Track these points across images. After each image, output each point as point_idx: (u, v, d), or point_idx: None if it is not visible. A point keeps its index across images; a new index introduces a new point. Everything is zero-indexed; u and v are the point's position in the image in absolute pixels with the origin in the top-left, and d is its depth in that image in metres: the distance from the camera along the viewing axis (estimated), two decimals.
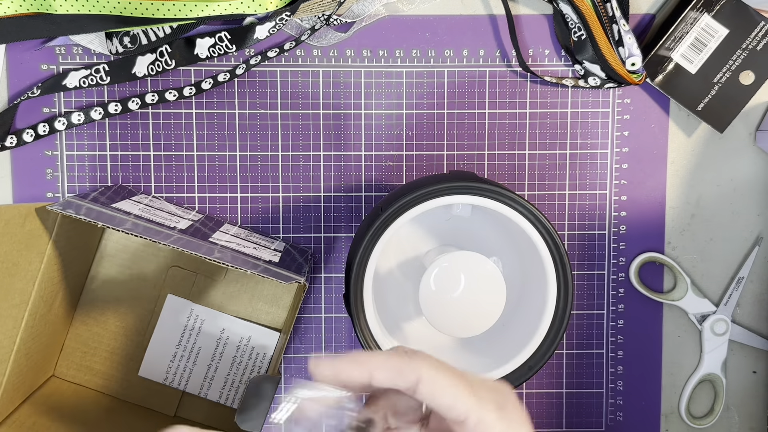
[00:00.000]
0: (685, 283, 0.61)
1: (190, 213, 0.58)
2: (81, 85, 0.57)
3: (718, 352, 0.62)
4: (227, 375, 0.59)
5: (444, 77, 0.60)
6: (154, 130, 0.59)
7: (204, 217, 0.58)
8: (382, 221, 0.47)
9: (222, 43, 0.57)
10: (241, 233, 0.57)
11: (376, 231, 0.47)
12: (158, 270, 0.60)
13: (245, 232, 0.58)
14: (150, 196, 0.58)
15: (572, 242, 0.61)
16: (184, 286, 0.60)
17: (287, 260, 0.54)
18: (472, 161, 0.60)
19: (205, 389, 0.60)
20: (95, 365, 0.60)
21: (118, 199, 0.54)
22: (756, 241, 0.62)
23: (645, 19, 0.60)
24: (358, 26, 0.59)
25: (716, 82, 0.58)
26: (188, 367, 0.59)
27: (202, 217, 0.58)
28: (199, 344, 0.59)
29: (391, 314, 0.54)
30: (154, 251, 0.60)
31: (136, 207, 0.54)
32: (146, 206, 0.55)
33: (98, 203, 0.51)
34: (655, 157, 0.61)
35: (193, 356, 0.60)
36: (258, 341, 0.60)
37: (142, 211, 0.53)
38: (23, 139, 0.58)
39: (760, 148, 0.61)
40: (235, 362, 0.60)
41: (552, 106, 0.60)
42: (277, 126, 0.60)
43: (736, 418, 0.64)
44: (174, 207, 0.58)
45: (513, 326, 0.52)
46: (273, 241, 0.58)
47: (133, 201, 0.55)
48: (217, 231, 0.55)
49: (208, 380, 0.59)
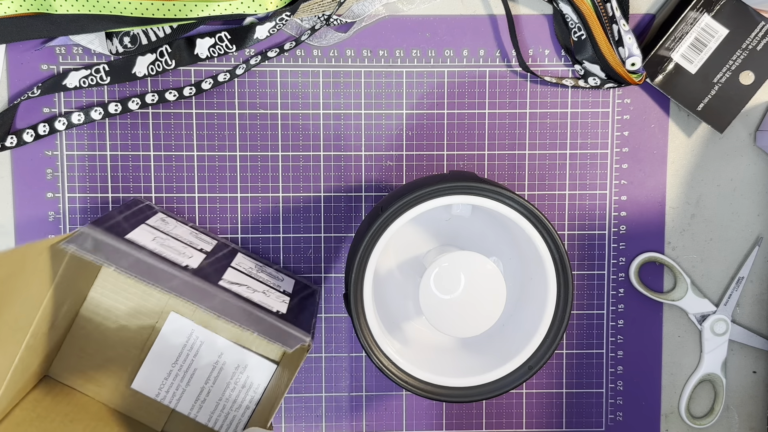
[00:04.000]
0: (685, 283, 0.61)
1: (205, 241, 0.57)
2: (81, 85, 0.57)
3: (718, 352, 0.62)
4: (219, 400, 0.59)
5: (444, 77, 0.60)
6: (154, 130, 0.59)
7: (217, 246, 0.57)
8: (382, 221, 0.47)
9: (222, 43, 0.57)
10: (253, 269, 0.56)
11: (376, 231, 0.47)
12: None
13: (257, 266, 0.57)
14: (166, 216, 0.58)
15: (572, 242, 0.61)
16: (187, 305, 0.60)
17: (296, 310, 0.53)
18: (472, 161, 0.60)
19: (195, 410, 0.59)
20: (89, 371, 0.60)
21: (132, 226, 0.53)
22: (756, 242, 0.62)
23: (645, 19, 0.60)
24: (358, 26, 0.59)
25: (716, 82, 0.59)
26: (181, 386, 0.59)
27: (215, 247, 0.57)
28: (195, 365, 0.59)
29: (391, 314, 0.54)
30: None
31: (150, 236, 0.53)
32: (162, 234, 0.54)
33: (112, 234, 0.49)
34: (655, 157, 0.61)
35: (188, 376, 0.59)
36: (253, 371, 0.59)
37: (156, 243, 0.52)
38: (23, 139, 0.58)
39: (760, 148, 0.61)
40: (228, 388, 0.59)
41: (552, 106, 0.60)
42: (277, 126, 0.60)
43: (736, 418, 0.64)
44: (189, 232, 0.57)
45: (513, 326, 0.53)
46: (283, 278, 0.58)
47: (149, 227, 0.54)
48: (229, 268, 0.54)
49: (199, 402, 0.59)
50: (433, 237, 0.55)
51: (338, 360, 0.62)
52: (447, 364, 0.52)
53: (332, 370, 0.62)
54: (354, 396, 0.62)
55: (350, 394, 0.62)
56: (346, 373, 0.62)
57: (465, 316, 0.48)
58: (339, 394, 0.62)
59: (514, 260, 0.54)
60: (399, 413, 0.62)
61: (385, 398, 0.62)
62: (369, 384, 0.62)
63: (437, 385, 0.49)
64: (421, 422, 0.62)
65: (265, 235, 0.60)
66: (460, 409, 0.62)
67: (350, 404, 0.62)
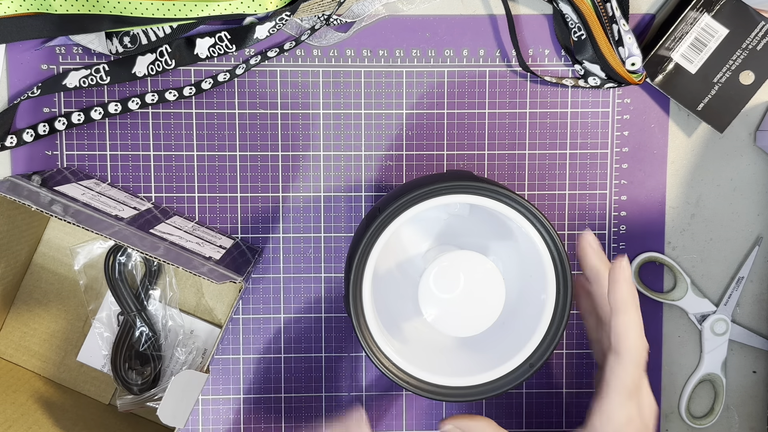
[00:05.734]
0: (685, 283, 0.61)
1: (143, 202, 0.57)
2: (81, 85, 0.57)
3: (718, 352, 0.62)
4: (166, 368, 0.59)
5: (444, 77, 0.60)
6: (154, 130, 0.59)
7: (152, 206, 0.57)
8: (381, 221, 0.47)
9: (222, 43, 0.57)
10: (186, 225, 0.56)
11: (374, 231, 0.47)
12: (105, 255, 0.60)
13: (192, 225, 0.58)
14: (105, 184, 0.58)
15: (572, 242, 0.61)
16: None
17: (227, 259, 0.54)
18: (472, 161, 0.60)
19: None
20: (33, 346, 0.60)
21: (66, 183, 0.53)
22: (756, 241, 0.62)
23: (645, 19, 0.60)
24: (358, 26, 0.59)
25: (716, 82, 0.59)
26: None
27: (150, 206, 0.57)
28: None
29: (391, 314, 0.54)
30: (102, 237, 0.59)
31: (83, 193, 0.53)
32: (97, 193, 0.54)
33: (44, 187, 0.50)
34: (655, 157, 0.61)
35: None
36: (200, 337, 0.60)
37: (89, 198, 0.52)
38: (23, 139, 0.58)
39: (760, 148, 0.61)
40: (175, 356, 0.59)
41: (552, 106, 0.60)
42: (277, 126, 0.60)
43: (736, 418, 0.63)
44: (125, 195, 0.57)
45: (513, 325, 0.52)
46: (219, 237, 0.58)
47: (82, 186, 0.54)
48: (162, 222, 0.55)
49: None
50: (432, 236, 0.55)
51: (338, 360, 0.62)
52: (447, 364, 0.51)
53: (332, 370, 0.62)
54: (354, 396, 0.62)
55: (350, 394, 0.62)
56: (346, 373, 0.62)
57: (465, 315, 0.48)
58: (339, 394, 0.62)
59: (513, 258, 0.54)
60: (399, 413, 0.62)
61: (385, 398, 0.62)
62: (369, 384, 0.62)
63: (437, 384, 0.49)
64: (421, 422, 0.62)
65: (265, 235, 0.60)
66: (460, 408, 0.62)
67: (350, 404, 0.62)
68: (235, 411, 0.61)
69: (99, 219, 0.48)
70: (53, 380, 0.61)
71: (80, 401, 0.59)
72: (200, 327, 0.61)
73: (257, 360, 0.61)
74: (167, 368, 0.60)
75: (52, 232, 0.61)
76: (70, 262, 0.60)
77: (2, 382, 0.57)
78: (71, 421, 0.56)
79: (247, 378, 0.61)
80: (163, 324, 0.59)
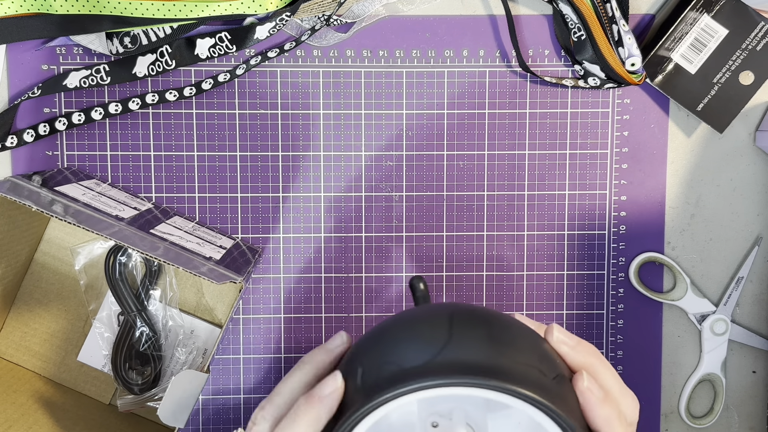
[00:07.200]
0: (684, 283, 0.61)
1: (143, 203, 0.57)
2: (81, 86, 0.57)
3: (718, 351, 0.62)
4: (166, 368, 0.60)
5: (444, 77, 0.60)
6: (154, 130, 0.59)
7: (152, 206, 0.58)
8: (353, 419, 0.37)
9: (222, 44, 0.57)
10: (186, 226, 0.57)
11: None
12: (105, 256, 0.60)
13: (192, 225, 0.58)
14: (105, 184, 0.58)
15: (572, 242, 0.61)
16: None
17: (228, 259, 0.54)
18: (472, 161, 0.61)
19: None
20: (34, 346, 0.60)
21: (66, 183, 0.53)
22: (756, 241, 0.62)
23: (645, 19, 0.60)
24: (358, 26, 0.59)
25: (716, 83, 0.59)
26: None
27: (150, 206, 0.57)
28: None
29: None
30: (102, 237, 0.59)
31: (84, 193, 0.53)
32: (97, 194, 0.54)
33: (45, 187, 0.50)
34: (655, 157, 0.61)
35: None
36: (200, 337, 0.60)
37: (90, 198, 0.52)
38: (24, 139, 0.58)
39: (760, 148, 0.61)
40: (175, 356, 0.60)
41: (552, 106, 0.60)
42: (277, 126, 0.60)
43: (735, 418, 0.64)
44: (125, 196, 0.57)
45: None
46: (220, 237, 0.58)
47: (82, 186, 0.55)
48: (162, 222, 0.55)
49: None
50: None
51: None
52: None
53: None
54: None
55: None
56: None
57: None
58: None
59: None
60: None
61: None
62: None
63: None
64: None
65: (265, 235, 0.60)
66: None
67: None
68: (235, 411, 0.61)
69: (99, 219, 0.49)
70: (53, 380, 0.61)
71: (80, 401, 0.60)
72: (200, 327, 0.61)
73: (257, 360, 0.61)
74: (167, 368, 0.60)
75: (52, 232, 0.61)
76: (71, 262, 0.60)
77: (2, 382, 0.57)
78: (71, 421, 0.56)
79: (247, 378, 0.61)
80: (164, 324, 0.59)
